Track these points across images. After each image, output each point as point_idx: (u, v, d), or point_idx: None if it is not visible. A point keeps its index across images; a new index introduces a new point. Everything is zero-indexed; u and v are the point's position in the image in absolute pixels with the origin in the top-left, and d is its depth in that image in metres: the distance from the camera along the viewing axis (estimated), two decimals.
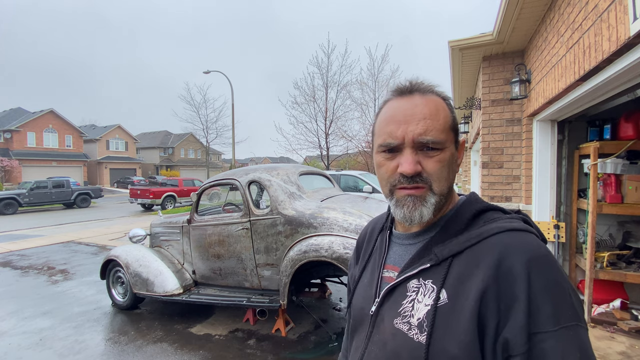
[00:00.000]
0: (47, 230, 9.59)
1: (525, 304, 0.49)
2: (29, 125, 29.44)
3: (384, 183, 0.65)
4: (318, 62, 16.52)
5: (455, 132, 0.64)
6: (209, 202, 8.91)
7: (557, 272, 0.52)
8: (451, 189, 0.65)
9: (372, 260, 0.75)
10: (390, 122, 0.62)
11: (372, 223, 0.85)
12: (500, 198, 4.05)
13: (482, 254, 0.55)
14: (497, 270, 0.52)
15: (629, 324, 2.92)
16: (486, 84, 4.09)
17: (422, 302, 0.59)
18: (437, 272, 0.59)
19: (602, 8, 1.80)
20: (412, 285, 0.62)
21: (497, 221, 0.59)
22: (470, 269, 0.55)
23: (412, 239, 0.68)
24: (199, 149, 43.22)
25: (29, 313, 3.82)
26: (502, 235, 0.56)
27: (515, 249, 0.53)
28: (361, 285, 0.75)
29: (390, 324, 0.62)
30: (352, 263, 0.87)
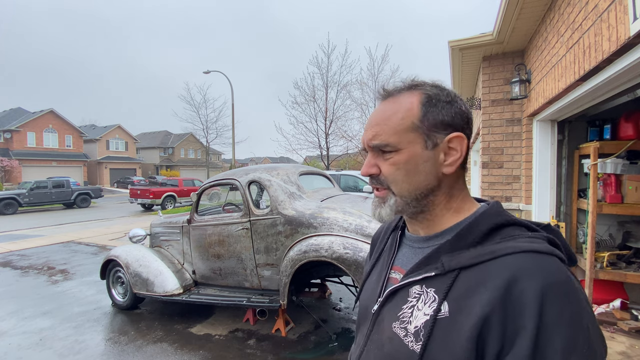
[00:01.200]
0: (47, 230, 9.59)
1: (532, 333, 0.45)
2: (29, 125, 29.44)
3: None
4: (318, 62, 16.53)
5: (428, 130, 0.59)
6: (209, 202, 8.91)
7: (575, 301, 0.47)
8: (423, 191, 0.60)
9: (382, 259, 0.75)
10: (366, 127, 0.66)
11: (388, 221, 0.82)
12: (500, 198, 4.05)
13: (493, 273, 0.51)
14: (506, 294, 0.48)
15: (629, 324, 2.92)
16: (486, 84, 4.09)
17: (421, 310, 0.57)
18: (442, 282, 0.56)
19: (602, 8, 1.81)
20: (415, 291, 0.60)
21: (516, 239, 0.53)
22: (477, 287, 0.51)
23: (422, 242, 0.65)
24: (199, 149, 43.21)
25: (29, 313, 3.82)
26: (518, 257, 0.50)
27: (530, 273, 0.48)
28: (369, 282, 0.75)
29: (389, 326, 0.61)
30: (366, 258, 0.87)
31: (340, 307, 3.89)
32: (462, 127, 0.61)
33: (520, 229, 0.57)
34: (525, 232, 0.56)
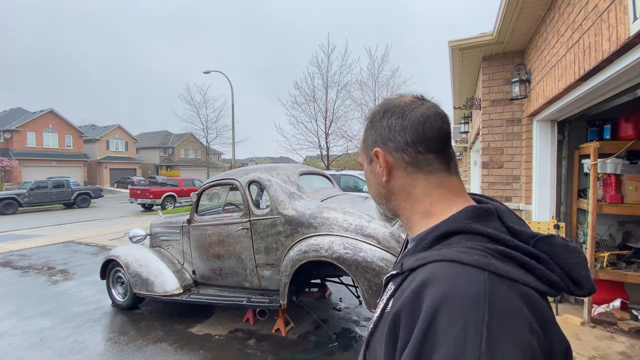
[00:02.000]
0: (47, 230, 9.59)
1: (419, 338, 0.45)
2: (29, 125, 29.44)
3: None
4: (318, 62, 16.55)
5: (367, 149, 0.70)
6: (209, 202, 8.91)
7: (472, 321, 0.43)
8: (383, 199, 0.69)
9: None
10: None
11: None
12: (500, 198, 4.05)
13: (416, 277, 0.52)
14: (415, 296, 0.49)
15: (629, 324, 2.92)
16: (486, 84, 4.09)
17: (383, 302, 0.59)
18: (398, 280, 0.58)
19: (602, 8, 1.81)
20: (389, 285, 0.61)
21: (451, 247, 0.53)
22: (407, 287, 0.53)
23: (411, 243, 0.67)
24: (199, 149, 43.23)
25: (29, 313, 3.82)
26: (438, 264, 0.51)
27: (437, 282, 0.48)
28: None
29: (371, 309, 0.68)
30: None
31: (340, 307, 3.89)
32: (386, 140, 0.64)
33: (477, 237, 0.54)
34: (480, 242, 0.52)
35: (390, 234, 2.67)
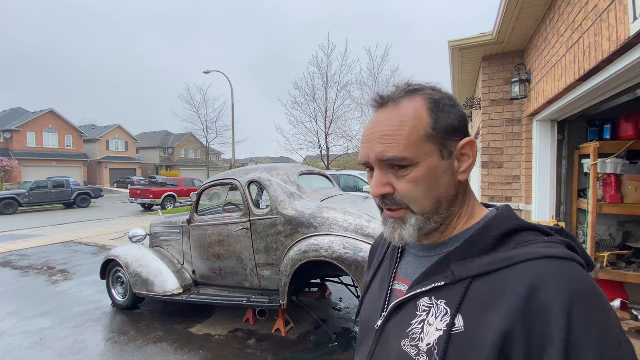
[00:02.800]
0: (47, 230, 9.59)
1: (561, 348, 0.40)
2: (29, 125, 29.44)
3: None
4: (318, 62, 16.55)
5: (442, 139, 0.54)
6: (209, 202, 8.91)
7: (604, 313, 0.42)
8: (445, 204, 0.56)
9: (383, 269, 0.70)
10: (362, 140, 0.58)
11: (378, 239, 0.83)
12: (500, 198, 4.05)
13: (511, 282, 0.46)
14: (527, 305, 0.43)
15: (629, 324, 2.92)
16: (486, 84, 4.09)
17: (433, 325, 0.52)
18: (453, 292, 0.51)
19: (602, 8, 1.81)
20: (423, 303, 0.55)
21: (532, 244, 0.49)
22: (494, 297, 0.47)
23: (428, 250, 0.60)
24: (199, 149, 43.23)
25: (29, 313, 3.82)
26: (537, 263, 0.46)
27: (554, 281, 0.43)
28: (370, 295, 0.70)
29: (397, 344, 0.56)
30: (365, 270, 0.83)
31: (340, 307, 3.89)
32: (467, 131, 0.58)
33: (535, 233, 0.52)
34: (540, 236, 0.51)
35: None
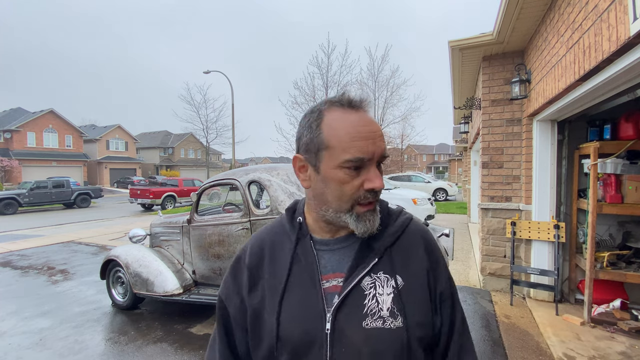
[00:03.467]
0: (47, 230, 9.59)
1: (443, 264, 0.73)
2: (29, 125, 29.43)
3: (346, 199, 0.63)
4: (318, 62, 16.57)
5: None
6: (209, 202, 8.90)
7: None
8: None
9: (295, 276, 0.68)
10: (356, 137, 0.61)
11: (260, 240, 0.76)
12: (500, 198, 4.05)
13: (411, 240, 0.71)
14: (426, 248, 0.71)
15: (629, 324, 2.92)
16: (486, 84, 4.09)
17: (383, 293, 0.64)
18: (383, 263, 0.67)
19: (602, 8, 1.81)
20: (366, 283, 0.65)
21: (401, 214, 0.75)
22: (408, 253, 0.69)
23: (344, 241, 0.70)
24: (199, 149, 43.22)
25: (29, 313, 3.82)
26: (413, 223, 0.74)
27: (425, 231, 0.75)
28: (289, 307, 0.66)
29: (358, 329, 0.62)
30: (235, 292, 0.74)
31: None
32: None
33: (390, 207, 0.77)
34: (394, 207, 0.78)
35: None
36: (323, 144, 0.63)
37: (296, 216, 0.75)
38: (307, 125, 0.66)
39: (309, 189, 0.69)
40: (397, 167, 23.76)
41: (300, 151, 0.69)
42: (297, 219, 0.74)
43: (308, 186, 0.69)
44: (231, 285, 0.76)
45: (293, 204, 0.79)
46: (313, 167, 0.66)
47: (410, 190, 10.30)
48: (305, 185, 0.70)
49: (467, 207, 10.54)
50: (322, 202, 0.66)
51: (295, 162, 0.70)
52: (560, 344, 2.82)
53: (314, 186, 0.67)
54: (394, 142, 22.27)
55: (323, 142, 0.63)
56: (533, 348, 2.81)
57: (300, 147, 0.68)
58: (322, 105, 0.66)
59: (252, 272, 0.73)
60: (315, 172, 0.66)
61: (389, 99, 17.61)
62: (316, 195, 0.68)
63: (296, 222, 0.74)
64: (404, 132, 22.67)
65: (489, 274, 4.14)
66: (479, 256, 4.42)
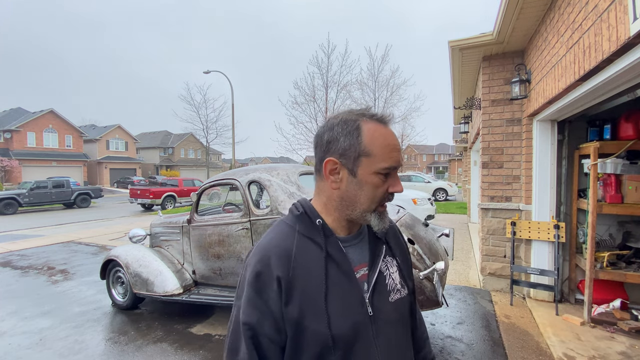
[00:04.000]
0: (47, 230, 9.59)
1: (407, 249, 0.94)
2: (29, 125, 29.43)
3: (377, 201, 0.74)
4: (318, 62, 16.55)
5: None
6: (209, 202, 8.91)
7: None
8: None
9: (332, 275, 0.72)
10: (392, 149, 0.73)
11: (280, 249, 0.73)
12: (500, 198, 4.05)
13: (391, 232, 0.88)
14: (401, 236, 0.93)
15: (629, 324, 2.92)
16: (486, 84, 4.09)
17: (394, 272, 0.82)
18: (386, 250, 0.84)
19: (602, 8, 1.81)
20: (381, 267, 0.80)
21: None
22: (396, 239, 0.89)
23: (358, 237, 0.81)
24: (199, 149, 43.22)
25: (29, 313, 3.82)
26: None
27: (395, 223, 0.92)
28: (335, 306, 0.70)
29: (387, 305, 0.77)
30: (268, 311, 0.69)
31: None
32: None
33: None
34: None
35: None
36: (364, 151, 0.71)
37: (315, 219, 0.77)
38: (346, 132, 0.72)
39: (336, 190, 0.75)
40: None
41: (333, 155, 0.73)
42: (317, 221, 0.77)
43: (337, 188, 0.75)
44: (260, 305, 0.70)
45: (303, 208, 0.80)
46: (349, 171, 0.73)
47: (410, 190, 10.29)
48: (333, 186, 0.75)
49: (467, 207, 10.54)
50: (352, 202, 0.74)
51: (327, 165, 0.74)
52: (560, 344, 2.82)
53: (346, 188, 0.74)
54: None
55: (364, 150, 0.71)
56: (533, 348, 2.81)
57: (333, 150, 0.74)
58: (357, 117, 0.74)
59: (286, 283, 0.70)
60: (351, 175, 0.73)
61: (389, 99, 17.60)
62: (346, 197, 0.74)
63: (317, 224, 0.76)
64: (404, 132, 22.65)
65: (489, 274, 4.14)
66: (479, 256, 4.42)
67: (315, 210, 0.79)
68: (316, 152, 0.78)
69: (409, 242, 2.64)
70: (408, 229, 2.80)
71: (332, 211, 0.78)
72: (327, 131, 0.75)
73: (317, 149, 0.77)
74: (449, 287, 4.32)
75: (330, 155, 0.74)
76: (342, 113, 0.76)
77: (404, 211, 3.23)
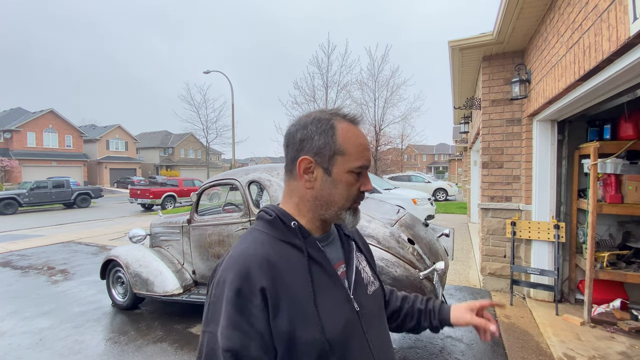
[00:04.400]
0: (47, 230, 9.58)
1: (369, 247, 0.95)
2: (29, 125, 29.43)
3: (349, 199, 0.74)
4: (318, 62, 16.58)
5: None
6: (209, 202, 8.91)
7: None
8: None
9: (316, 278, 0.69)
10: (365, 148, 0.74)
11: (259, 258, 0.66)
12: (500, 198, 4.05)
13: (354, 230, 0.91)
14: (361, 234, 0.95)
15: (629, 324, 2.92)
16: (486, 84, 4.09)
17: (365, 265, 0.86)
18: (356, 245, 0.87)
19: (602, 8, 1.81)
20: (355, 262, 0.82)
21: None
22: (358, 237, 0.91)
23: (330, 235, 0.82)
24: (199, 149, 43.21)
25: (29, 313, 3.82)
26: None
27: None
28: (325, 310, 0.67)
29: (368, 297, 0.80)
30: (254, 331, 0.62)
31: None
32: None
33: None
34: None
35: (390, 234, 2.66)
36: (339, 150, 0.71)
37: (289, 222, 0.74)
38: (321, 131, 0.72)
39: (310, 190, 0.73)
40: (397, 167, 23.76)
41: (307, 154, 0.72)
42: (292, 223, 0.73)
43: (311, 187, 0.73)
44: (243, 325, 0.62)
45: (275, 212, 0.75)
46: (324, 170, 0.72)
47: (410, 190, 10.30)
48: (307, 186, 0.73)
49: (467, 207, 10.54)
50: (327, 202, 0.73)
51: (302, 164, 0.72)
52: (560, 344, 2.82)
53: (320, 187, 0.73)
54: (394, 142, 22.27)
55: (339, 148, 0.71)
56: (533, 348, 2.81)
57: (307, 149, 0.72)
58: (330, 116, 0.74)
59: (271, 294, 0.63)
60: (326, 174, 0.72)
61: (389, 99, 17.60)
62: (320, 196, 0.73)
63: (293, 227, 0.73)
64: (404, 132, 22.65)
65: (489, 274, 4.14)
66: (479, 256, 4.42)
67: (288, 213, 0.75)
68: (287, 151, 0.76)
69: (409, 242, 2.64)
70: (408, 229, 2.80)
71: (305, 212, 0.75)
72: (300, 129, 0.73)
73: (289, 148, 0.75)
74: (449, 287, 4.32)
75: (305, 154, 0.72)
76: (314, 112, 0.75)
77: (404, 211, 3.23)
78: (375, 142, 17.35)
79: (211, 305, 0.67)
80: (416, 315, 0.95)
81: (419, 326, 0.95)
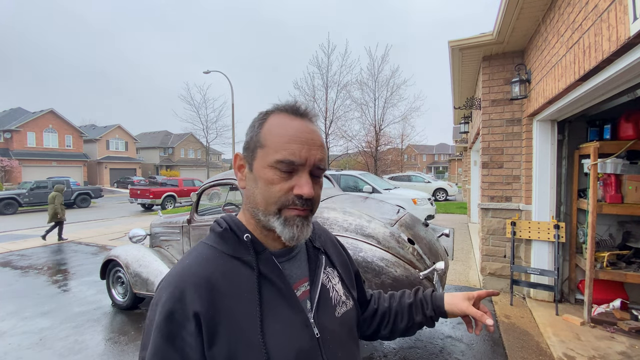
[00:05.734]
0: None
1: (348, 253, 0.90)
2: (29, 125, 29.43)
3: (273, 201, 0.60)
4: (318, 62, 16.60)
5: None
6: (209, 202, 8.91)
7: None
8: None
9: (267, 298, 0.61)
10: (291, 140, 0.60)
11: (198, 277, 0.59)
12: (500, 198, 4.05)
13: (326, 238, 0.83)
14: (339, 245, 0.88)
15: (629, 324, 2.92)
16: (486, 84, 4.09)
17: (336, 283, 0.75)
18: (325, 260, 0.77)
19: (602, 8, 1.81)
20: (323, 279, 0.72)
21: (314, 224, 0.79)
22: (334, 249, 0.84)
23: (294, 249, 0.71)
24: (199, 149, 43.22)
25: (29, 313, 3.82)
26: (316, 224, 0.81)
27: (328, 231, 0.89)
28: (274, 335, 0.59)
29: (334, 320, 0.70)
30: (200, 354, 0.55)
31: None
32: None
33: None
34: None
35: (390, 234, 2.67)
36: (259, 143, 0.63)
37: (242, 234, 0.65)
38: (252, 125, 0.66)
39: (244, 189, 0.67)
40: (397, 167, 23.77)
41: (243, 150, 0.68)
42: (245, 236, 0.64)
43: (243, 186, 0.67)
44: (171, 356, 0.54)
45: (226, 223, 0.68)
46: (249, 165, 0.65)
47: (410, 190, 10.31)
48: (240, 185, 0.68)
49: (467, 207, 10.54)
50: (253, 202, 0.64)
51: (236, 160, 0.69)
52: (560, 344, 2.82)
53: (248, 185, 0.66)
54: (394, 142, 22.29)
55: (259, 141, 0.63)
56: (533, 348, 2.81)
57: (243, 146, 0.68)
58: (272, 110, 0.66)
59: (206, 320, 0.55)
60: (249, 170, 0.65)
61: (389, 99, 17.61)
62: (248, 196, 0.66)
63: (245, 239, 0.64)
64: (404, 132, 22.67)
65: (489, 274, 4.14)
66: (479, 256, 4.42)
67: (241, 223, 0.67)
68: None
69: (409, 242, 2.64)
70: (408, 229, 2.80)
71: (249, 218, 0.66)
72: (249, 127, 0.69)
73: None
74: (449, 287, 4.32)
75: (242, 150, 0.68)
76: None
77: (404, 211, 3.23)
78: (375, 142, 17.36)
79: (146, 328, 0.59)
80: (407, 311, 0.85)
81: (412, 322, 0.85)
